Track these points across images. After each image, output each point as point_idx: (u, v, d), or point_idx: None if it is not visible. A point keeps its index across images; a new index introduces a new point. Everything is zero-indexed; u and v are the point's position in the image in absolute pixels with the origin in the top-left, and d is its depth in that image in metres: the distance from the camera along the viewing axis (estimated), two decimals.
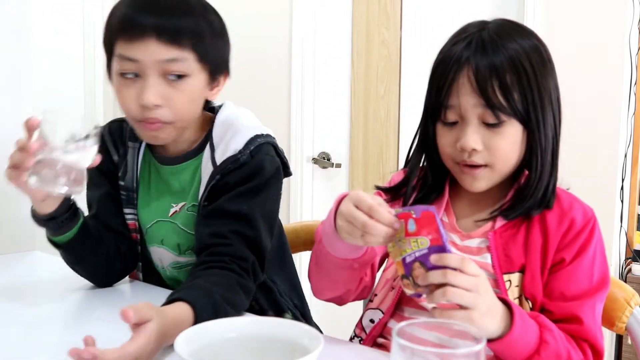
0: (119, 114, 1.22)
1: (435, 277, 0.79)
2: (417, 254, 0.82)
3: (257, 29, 2.65)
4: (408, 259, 0.83)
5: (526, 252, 0.98)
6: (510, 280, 0.97)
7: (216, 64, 1.13)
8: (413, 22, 2.55)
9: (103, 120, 3.91)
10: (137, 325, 0.82)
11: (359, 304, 1.21)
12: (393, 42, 2.59)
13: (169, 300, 0.94)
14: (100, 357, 0.76)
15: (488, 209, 1.02)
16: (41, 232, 1.15)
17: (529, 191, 0.97)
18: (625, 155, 2.17)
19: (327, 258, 0.98)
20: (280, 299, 1.26)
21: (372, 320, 1.09)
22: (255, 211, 1.10)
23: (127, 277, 1.27)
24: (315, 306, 1.34)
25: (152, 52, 1.05)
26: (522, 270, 0.98)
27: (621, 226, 2.20)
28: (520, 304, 0.97)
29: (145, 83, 1.06)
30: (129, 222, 1.23)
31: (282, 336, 0.76)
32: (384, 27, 2.61)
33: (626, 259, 2.29)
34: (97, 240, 1.17)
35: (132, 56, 1.06)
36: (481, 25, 0.98)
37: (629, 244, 2.28)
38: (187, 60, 1.07)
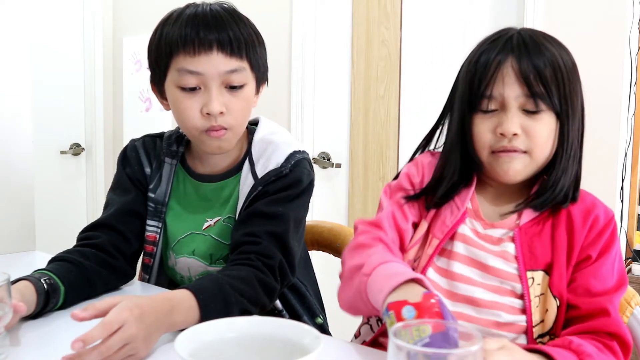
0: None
1: None
2: (420, 342, 0.70)
3: None
4: (412, 352, 0.68)
5: (553, 250, 0.99)
6: (533, 278, 0.98)
7: (261, 72, 1.20)
8: (413, 22, 2.55)
9: (103, 121, 3.91)
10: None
11: None
12: (393, 42, 2.59)
13: None
14: (88, 336, 0.80)
15: (512, 203, 1.04)
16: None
17: (556, 180, 1.00)
18: (625, 155, 2.17)
19: (363, 300, 0.94)
20: (312, 303, 1.30)
21: (371, 326, 1.10)
22: (288, 213, 1.16)
23: (134, 279, 1.28)
24: None
25: (215, 64, 1.11)
26: (546, 270, 0.98)
27: (621, 226, 2.20)
28: (545, 301, 0.97)
29: (210, 94, 1.12)
30: (149, 234, 1.26)
31: (282, 336, 0.76)
32: (384, 27, 2.61)
33: (626, 259, 2.28)
34: (88, 286, 1.14)
35: (196, 69, 1.11)
36: (516, 30, 1.02)
37: (629, 244, 2.27)
38: (244, 70, 1.14)
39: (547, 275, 0.98)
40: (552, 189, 1.00)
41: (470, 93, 1.01)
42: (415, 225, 1.07)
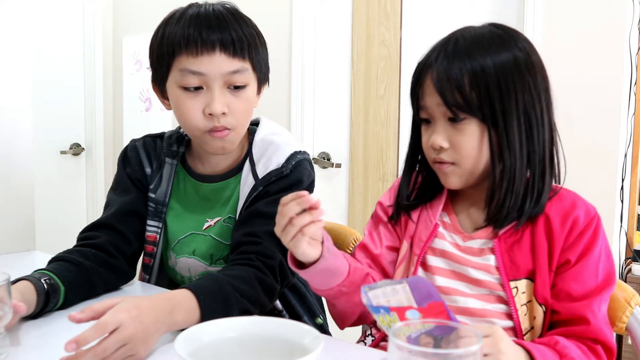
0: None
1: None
2: (423, 331, 0.74)
3: None
4: (413, 335, 0.73)
5: (534, 257, 0.97)
6: (517, 287, 0.97)
7: (263, 73, 1.21)
8: (413, 22, 2.55)
9: (103, 121, 3.90)
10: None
11: None
12: (393, 42, 2.59)
13: None
14: (82, 338, 0.80)
15: (485, 212, 1.02)
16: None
17: (494, 193, 0.97)
18: (625, 155, 2.17)
19: (323, 294, 1.02)
20: (312, 303, 1.30)
21: (365, 344, 1.11)
22: None
23: (134, 279, 1.28)
24: None
25: (218, 65, 1.11)
26: (529, 277, 0.97)
27: (621, 226, 2.20)
28: (531, 309, 0.97)
29: (212, 94, 1.12)
30: (149, 234, 1.26)
31: (282, 336, 0.76)
32: (384, 27, 2.61)
33: (626, 259, 2.28)
34: (88, 286, 1.14)
35: (198, 70, 1.11)
36: (458, 32, 1.00)
37: (629, 244, 2.28)
38: (246, 71, 1.15)
39: (532, 282, 0.97)
40: (499, 206, 0.97)
41: (411, 104, 1.04)
42: (396, 249, 1.11)
